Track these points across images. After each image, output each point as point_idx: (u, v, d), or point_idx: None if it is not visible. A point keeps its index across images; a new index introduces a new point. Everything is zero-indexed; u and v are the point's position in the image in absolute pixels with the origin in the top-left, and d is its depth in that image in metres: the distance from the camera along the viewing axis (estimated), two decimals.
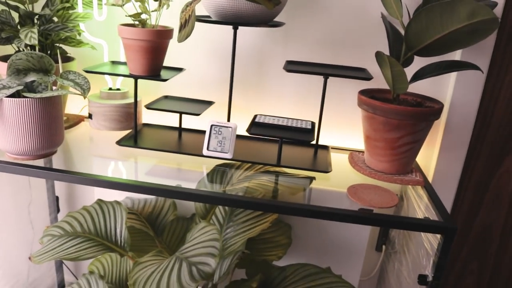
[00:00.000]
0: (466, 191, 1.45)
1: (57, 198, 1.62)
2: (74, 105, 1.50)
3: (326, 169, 1.14)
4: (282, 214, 1.38)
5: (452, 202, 1.42)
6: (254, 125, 1.18)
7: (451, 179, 1.38)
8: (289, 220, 1.38)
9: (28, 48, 1.22)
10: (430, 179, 1.39)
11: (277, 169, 1.16)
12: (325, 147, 1.30)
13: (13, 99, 1.01)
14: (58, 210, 1.64)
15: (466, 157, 1.40)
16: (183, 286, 0.88)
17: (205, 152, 1.14)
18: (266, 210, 0.94)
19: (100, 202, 1.27)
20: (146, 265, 1.02)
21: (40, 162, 1.10)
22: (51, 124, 1.07)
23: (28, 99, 1.02)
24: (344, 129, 1.39)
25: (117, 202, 1.24)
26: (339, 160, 1.25)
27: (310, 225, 1.38)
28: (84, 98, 1.09)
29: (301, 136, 1.14)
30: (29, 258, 1.19)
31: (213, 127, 1.14)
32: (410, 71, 1.16)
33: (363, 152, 1.28)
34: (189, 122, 1.45)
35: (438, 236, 0.98)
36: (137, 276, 0.99)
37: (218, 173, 1.14)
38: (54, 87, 1.14)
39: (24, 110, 1.03)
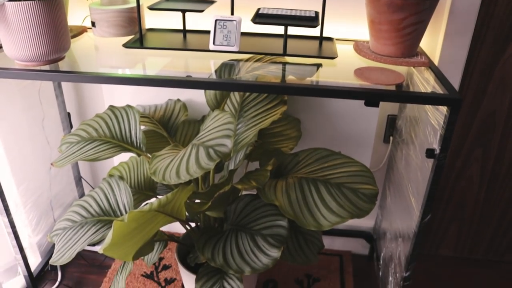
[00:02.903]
0: (471, 78, 1.47)
1: (68, 114, 1.65)
2: (76, 16, 1.49)
3: (332, 55, 1.15)
4: (291, 107, 1.41)
5: (458, 89, 1.44)
6: (258, 16, 1.18)
7: (456, 66, 1.39)
8: (298, 115, 1.41)
9: None
10: None
11: (284, 60, 1.17)
12: (329, 39, 1.30)
13: (16, 2, 1.01)
14: (71, 126, 1.68)
15: (470, 43, 1.40)
16: (202, 166, 0.93)
17: (211, 47, 1.15)
18: (277, 92, 0.97)
19: (112, 108, 1.30)
20: (164, 156, 1.07)
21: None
22: (56, 27, 1.08)
23: (30, 1, 1.02)
24: (348, 19, 1.38)
25: (129, 106, 1.27)
26: (344, 50, 1.26)
27: (319, 119, 1.42)
28: None
29: (306, 23, 1.14)
30: (51, 164, 1.24)
31: (218, 21, 1.14)
32: None
33: (367, 41, 1.28)
34: (192, 25, 1.44)
35: (444, 111, 1.01)
36: (157, 166, 1.03)
37: (226, 68, 1.16)
38: None
39: (28, 14, 1.03)
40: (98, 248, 1.79)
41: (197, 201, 1.19)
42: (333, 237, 1.77)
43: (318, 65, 1.15)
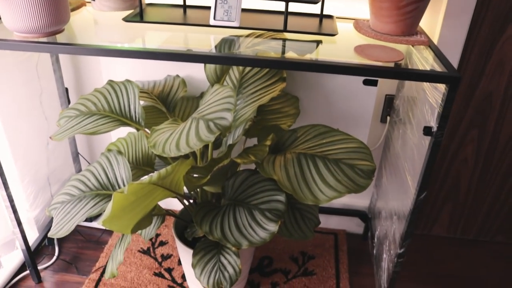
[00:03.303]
0: (469, 58, 1.47)
1: (66, 89, 1.64)
2: None
3: (332, 33, 1.15)
4: (290, 85, 1.41)
5: (456, 69, 1.44)
6: None
7: (455, 46, 1.40)
8: (297, 92, 1.42)
9: None
10: None
11: (284, 37, 1.17)
12: (329, 16, 1.30)
13: None
14: (69, 102, 1.67)
15: (470, 24, 1.40)
16: (202, 139, 0.93)
17: (212, 22, 1.15)
18: (277, 67, 0.97)
19: (111, 82, 1.30)
20: (164, 130, 1.07)
21: None
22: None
23: None
24: None
25: (128, 81, 1.27)
26: (344, 28, 1.26)
27: (317, 98, 1.42)
28: None
29: None
30: (50, 138, 1.24)
31: None
32: None
33: (368, 20, 1.28)
34: (193, 0, 1.43)
35: (443, 89, 1.02)
36: (157, 139, 1.04)
37: (227, 43, 1.15)
38: None
39: None
40: (95, 224, 1.80)
41: (195, 175, 1.20)
42: (328, 215, 1.79)
43: (318, 42, 1.15)
